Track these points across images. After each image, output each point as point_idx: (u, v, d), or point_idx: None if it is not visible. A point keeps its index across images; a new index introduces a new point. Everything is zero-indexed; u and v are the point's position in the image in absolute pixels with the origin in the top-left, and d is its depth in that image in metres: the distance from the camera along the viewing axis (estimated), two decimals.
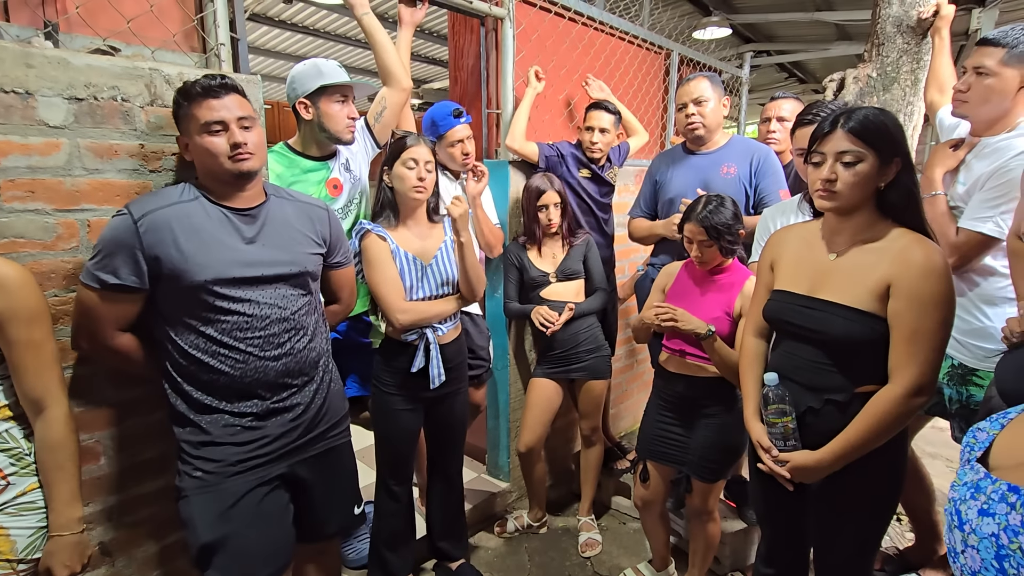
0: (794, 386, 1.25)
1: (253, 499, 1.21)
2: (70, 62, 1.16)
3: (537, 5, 2.35)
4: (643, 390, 3.20)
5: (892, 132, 1.14)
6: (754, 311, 1.41)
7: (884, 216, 1.19)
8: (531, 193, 2.08)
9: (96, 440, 1.27)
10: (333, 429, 1.37)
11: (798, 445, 1.25)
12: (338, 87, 1.62)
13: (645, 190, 2.25)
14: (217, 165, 1.16)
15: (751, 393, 1.37)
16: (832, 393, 1.21)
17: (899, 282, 1.12)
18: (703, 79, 2.01)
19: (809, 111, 1.63)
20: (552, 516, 2.41)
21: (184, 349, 1.17)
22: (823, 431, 1.21)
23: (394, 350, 1.66)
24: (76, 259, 1.21)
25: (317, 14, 5.20)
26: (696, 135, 2.05)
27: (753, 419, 1.35)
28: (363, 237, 1.58)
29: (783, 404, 1.24)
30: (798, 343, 1.26)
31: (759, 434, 1.31)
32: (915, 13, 2.06)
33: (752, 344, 1.42)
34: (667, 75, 3.26)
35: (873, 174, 1.14)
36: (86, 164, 1.20)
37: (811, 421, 1.24)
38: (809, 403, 1.23)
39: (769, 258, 1.38)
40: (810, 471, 1.22)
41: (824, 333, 1.20)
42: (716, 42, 4.69)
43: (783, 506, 1.36)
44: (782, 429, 1.25)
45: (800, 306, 1.25)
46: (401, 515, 1.77)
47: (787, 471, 1.25)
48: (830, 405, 1.21)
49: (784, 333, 1.32)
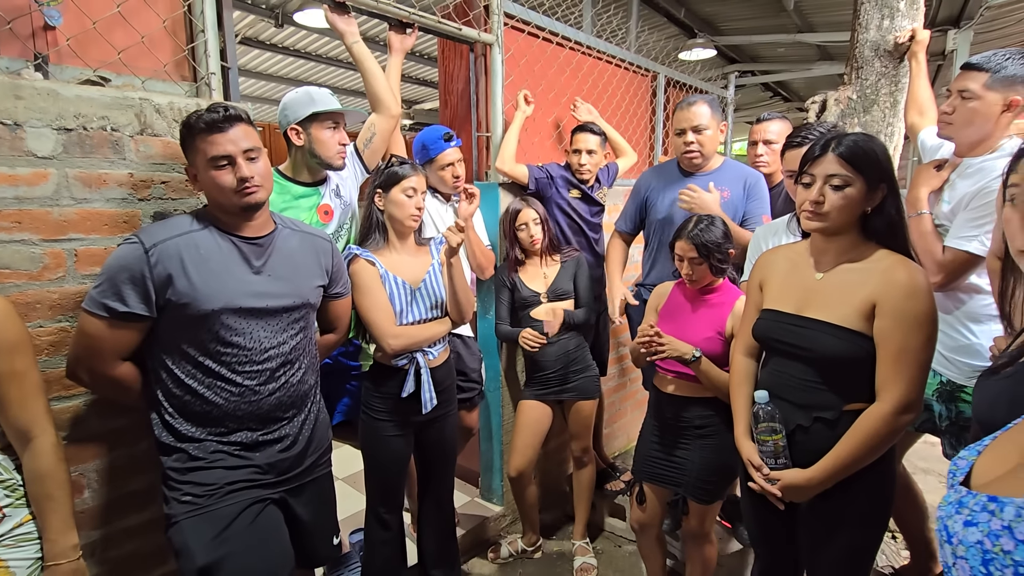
0: (784, 404, 1.27)
1: (247, 518, 1.18)
2: (60, 93, 1.16)
3: (525, 31, 2.39)
4: (636, 409, 3.19)
5: (880, 159, 1.17)
6: (744, 330, 1.42)
7: (868, 239, 1.22)
8: (508, 217, 2.12)
9: (80, 473, 1.25)
10: (320, 459, 1.37)
11: (788, 463, 1.26)
12: (329, 114, 1.63)
13: (630, 206, 2.26)
14: (225, 198, 1.17)
15: (741, 412, 1.39)
16: (821, 411, 1.22)
17: (884, 301, 1.15)
18: (703, 104, 2.01)
19: (798, 133, 1.67)
20: (546, 540, 2.38)
21: (180, 379, 1.16)
22: (813, 449, 1.22)
23: (384, 375, 1.65)
24: (62, 289, 1.20)
25: (308, 38, 5.26)
26: (695, 163, 2.07)
27: (744, 437, 1.36)
28: (351, 262, 1.58)
29: (773, 422, 1.25)
30: (787, 361, 1.28)
31: (750, 452, 1.32)
32: (891, 38, 2.12)
33: (742, 363, 1.43)
34: (654, 96, 3.32)
35: (860, 198, 1.17)
36: (74, 194, 1.20)
37: (801, 439, 1.25)
38: (799, 421, 1.25)
39: (758, 278, 1.40)
40: (801, 489, 1.23)
41: (812, 351, 1.22)
42: (701, 63, 4.79)
43: (775, 525, 1.36)
44: (772, 447, 1.26)
45: (788, 324, 1.27)
46: (392, 544, 1.74)
47: (778, 489, 1.26)
48: (819, 423, 1.22)
49: (773, 351, 1.34)
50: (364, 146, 1.82)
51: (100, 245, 1.24)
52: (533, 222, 2.08)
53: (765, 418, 1.26)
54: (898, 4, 2.11)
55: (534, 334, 2.05)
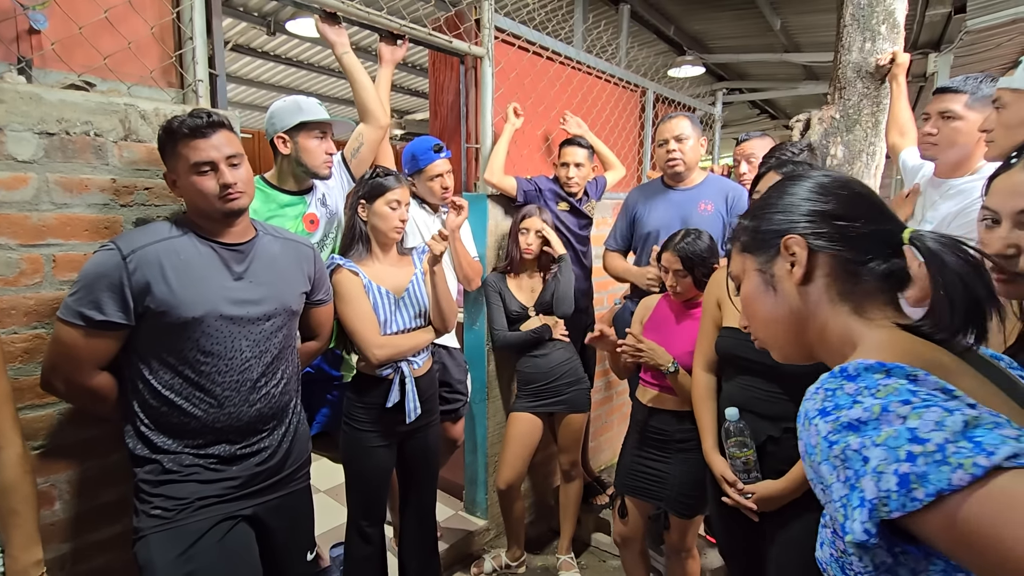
0: (752, 417, 1.30)
1: (215, 535, 1.16)
2: (43, 97, 1.15)
3: (516, 44, 2.42)
4: (622, 422, 3.18)
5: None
6: (703, 346, 1.46)
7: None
8: (516, 217, 2.14)
9: (51, 484, 1.21)
10: (298, 472, 1.34)
11: (759, 476, 1.29)
12: (317, 124, 1.63)
13: (621, 223, 2.29)
14: (207, 204, 1.16)
15: (708, 427, 1.43)
16: (790, 422, 1.24)
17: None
18: (684, 118, 2.07)
19: (773, 154, 1.69)
20: (531, 555, 2.36)
21: (157, 390, 1.14)
22: (784, 459, 1.26)
23: (367, 385, 1.63)
24: (39, 295, 1.18)
25: (300, 46, 5.27)
26: (676, 171, 2.09)
27: (713, 452, 1.39)
28: (334, 272, 1.57)
29: (743, 437, 1.29)
30: (753, 376, 1.32)
31: (722, 468, 1.35)
32: (873, 60, 2.16)
33: (703, 379, 1.47)
34: (643, 112, 3.36)
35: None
36: (54, 198, 1.18)
37: (772, 450, 1.29)
38: (769, 432, 1.29)
39: (715, 296, 1.44)
40: (775, 499, 1.26)
41: (775, 367, 1.23)
42: (690, 80, 4.86)
43: (746, 538, 1.39)
44: (744, 462, 1.29)
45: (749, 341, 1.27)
46: (374, 559, 1.71)
47: (753, 502, 1.29)
48: (788, 433, 1.26)
49: (737, 367, 1.37)
50: (351, 156, 1.82)
51: (79, 251, 1.22)
52: (536, 232, 2.09)
53: (735, 433, 1.29)
54: (879, 27, 2.16)
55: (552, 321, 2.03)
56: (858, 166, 2.20)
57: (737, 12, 4.29)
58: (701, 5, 4.24)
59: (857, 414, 0.49)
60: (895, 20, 2.16)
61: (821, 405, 0.54)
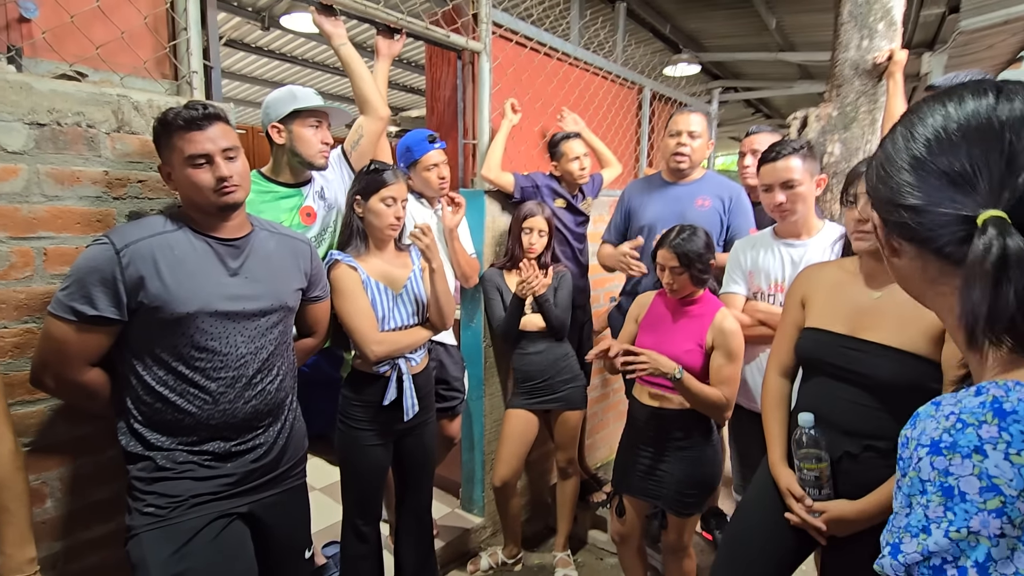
0: (830, 429, 1.16)
1: (209, 533, 1.14)
2: (33, 87, 1.13)
3: (513, 40, 2.40)
4: (619, 419, 3.17)
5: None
6: (780, 349, 1.34)
7: None
8: (520, 213, 2.09)
9: (43, 482, 1.19)
10: (294, 469, 1.33)
11: (832, 494, 1.16)
12: (311, 112, 1.61)
13: (616, 216, 2.29)
14: (202, 198, 1.14)
15: (777, 435, 1.28)
16: (873, 439, 1.12)
17: None
18: (700, 115, 2.06)
19: (773, 148, 1.69)
20: (527, 552, 2.35)
21: (150, 386, 1.12)
22: (861, 482, 1.12)
23: (364, 382, 1.61)
24: (29, 289, 1.15)
25: (295, 41, 5.23)
26: (680, 167, 2.08)
27: (781, 464, 1.25)
28: (332, 268, 1.55)
29: (818, 448, 1.15)
30: (836, 383, 1.18)
31: (788, 480, 1.21)
32: (870, 57, 2.17)
33: (777, 384, 1.35)
34: (639, 109, 3.35)
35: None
36: (45, 191, 1.16)
37: (848, 468, 1.15)
38: (847, 448, 1.15)
39: (799, 294, 1.32)
40: (850, 523, 1.13)
41: (870, 376, 1.13)
42: (686, 78, 4.87)
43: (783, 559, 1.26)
44: (817, 475, 1.15)
45: (842, 347, 1.18)
46: (370, 557, 1.70)
47: (822, 522, 1.15)
48: (870, 452, 1.12)
49: (819, 372, 1.24)
50: (351, 148, 1.80)
51: (71, 244, 1.20)
52: (539, 232, 2.07)
53: (809, 444, 1.15)
54: (877, 25, 2.17)
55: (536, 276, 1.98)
56: (854, 163, 2.21)
57: (733, 11, 4.30)
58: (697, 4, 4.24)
59: (967, 475, 0.44)
60: (892, 18, 2.17)
61: (939, 436, 0.47)
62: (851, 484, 1.14)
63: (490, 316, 2.18)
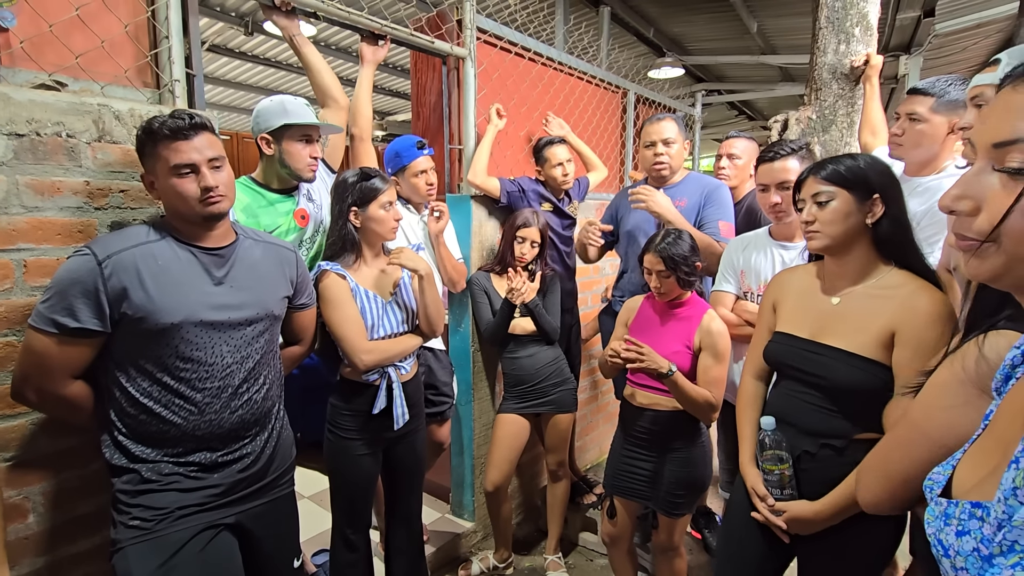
0: (791, 429, 1.22)
1: (197, 545, 1.13)
2: (11, 97, 1.11)
3: (498, 45, 2.42)
4: (608, 421, 3.20)
5: (865, 171, 1.17)
6: (754, 352, 1.38)
7: (884, 258, 1.19)
8: (515, 221, 2.09)
9: (24, 496, 1.17)
10: (281, 478, 1.32)
11: (795, 494, 1.21)
12: (301, 127, 1.60)
13: (604, 218, 2.33)
14: (187, 208, 1.13)
15: (747, 437, 1.34)
16: (830, 438, 1.18)
17: (904, 330, 1.10)
18: (671, 120, 2.07)
19: (771, 148, 1.73)
20: (518, 556, 2.36)
21: (134, 397, 1.11)
22: (818, 478, 1.18)
23: (353, 391, 1.61)
24: (9, 301, 1.14)
25: (279, 46, 5.20)
26: (663, 175, 2.11)
27: (749, 464, 1.30)
28: (322, 276, 1.54)
29: (780, 450, 1.20)
30: (799, 386, 1.23)
31: (754, 481, 1.27)
32: (848, 62, 2.22)
33: (751, 386, 1.39)
34: (624, 113, 3.38)
35: (848, 211, 1.16)
36: (25, 202, 1.14)
37: (807, 466, 1.20)
38: (805, 447, 1.20)
39: (771, 298, 1.36)
40: (808, 523, 1.18)
41: (827, 379, 1.18)
42: (670, 81, 4.92)
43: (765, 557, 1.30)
44: (779, 476, 1.20)
45: (803, 350, 1.23)
46: (359, 565, 1.69)
47: (783, 521, 1.20)
48: (827, 449, 1.18)
49: (786, 376, 1.29)
50: (322, 147, 1.80)
51: (52, 255, 1.18)
52: (532, 243, 2.08)
53: (771, 445, 1.21)
54: (853, 30, 2.21)
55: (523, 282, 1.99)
56: None
57: (715, 15, 4.36)
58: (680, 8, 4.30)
59: None
60: (868, 23, 2.22)
61: None
62: (811, 481, 1.20)
63: (478, 319, 2.18)
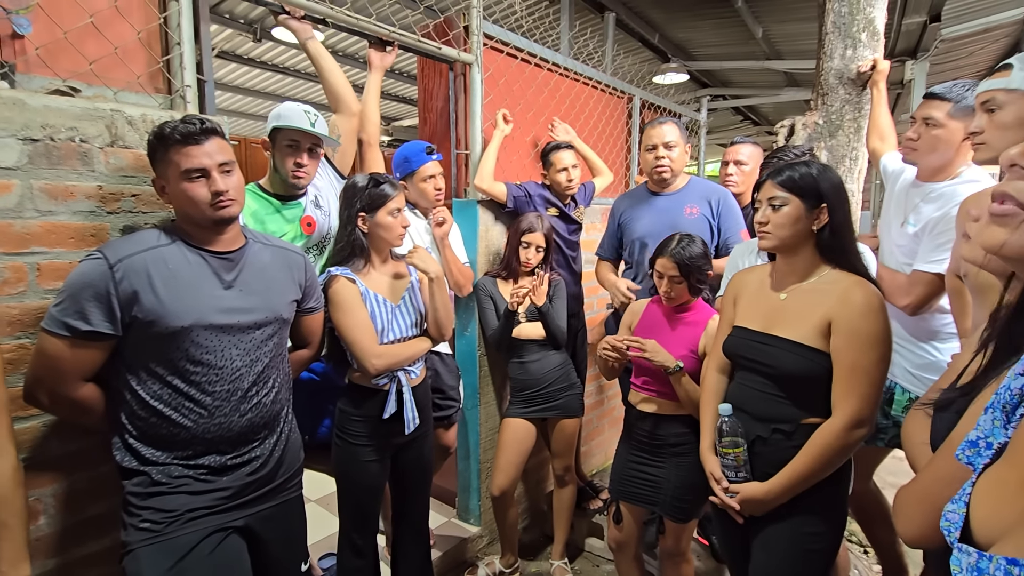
0: (745, 416, 1.32)
1: (206, 548, 1.13)
2: (26, 102, 1.13)
3: (504, 51, 2.43)
4: (614, 426, 3.19)
5: (817, 181, 1.26)
6: (717, 347, 1.46)
7: (825, 259, 1.30)
8: (519, 226, 2.10)
9: (36, 498, 1.18)
10: (290, 482, 1.32)
11: (749, 477, 1.30)
12: (288, 132, 1.59)
13: (609, 230, 2.32)
14: (198, 212, 1.14)
15: (707, 425, 1.43)
16: (779, 423, 1.28)
17: (839, 320, 1.21)
18: (672, 124, 2.08)
19: (775, 154, 1.73)
20: (524, 561, 2.35)
21: (145, 400, 1.12)
22: (771, 460, 1.28)
23: (362, 396, 1.60)
24: (23, 304, 1.15)
25: (287, 52, 5.25)
26: (663, 178, 2.11)
27: (708, 452, 1.41)
28: (331, 282, 1.54)
29: (735, 436, 1.30)
30: (751, 375, 1.34)
31: (712, 466, 1.37)
32: (854, 67, 2.21)
33: (713, 379, 1.47)
34: (629, 118, 3.39)
35: (798, 216, 1.27)
36: (39, 206, 1.16)
37: (760, 450, 1.30)
38: (758, 432, 1.30)
39: (732, 295, 1.46)
40: (758, 503, 1.27)
41: (774, 367, 1.28)
42: (675, 87, 4.93)
43: (737, 539, 1.39)
44: (733, 460, 1.30)
45: (755, 341, 1.33)
46: (366, 571, 1.68)
47: (736, 503, 1.30)
48: (777, 434, 1.28)
49: (740, 367, 1.40)
50: (332, 152, 1.81)
51: (65, 259, 1.20)
52: (536, 248, 2.08)
53: (728, 432, 1.30)
54: (860, 35, 2.21)
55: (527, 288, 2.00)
56: (841, 171, 2.25)
57: (720, 20, 4.37)
58: (685, 14, 4.31)
59: None
60: (875, 28, 2.22)
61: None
62: (764, 463, 1.29)
63: (484, 324, 2.19)
